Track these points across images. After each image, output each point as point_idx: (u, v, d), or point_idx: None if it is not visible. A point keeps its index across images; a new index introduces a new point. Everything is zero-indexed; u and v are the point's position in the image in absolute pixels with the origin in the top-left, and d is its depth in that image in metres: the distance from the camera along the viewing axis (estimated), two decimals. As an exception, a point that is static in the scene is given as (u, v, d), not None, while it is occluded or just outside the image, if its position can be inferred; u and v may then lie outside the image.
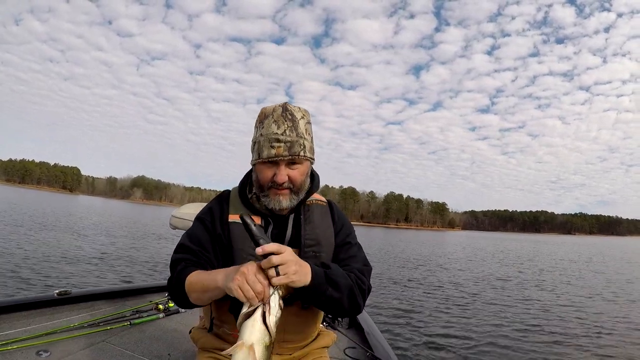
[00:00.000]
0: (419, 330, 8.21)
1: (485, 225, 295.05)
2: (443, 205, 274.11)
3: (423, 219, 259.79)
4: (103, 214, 45.03)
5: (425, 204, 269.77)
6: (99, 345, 2.77)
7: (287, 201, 1.60)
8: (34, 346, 2.58)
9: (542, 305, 11.55)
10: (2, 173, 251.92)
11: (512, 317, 9.68)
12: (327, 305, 1.49)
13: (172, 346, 2.96)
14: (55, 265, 11.01)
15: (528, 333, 8.42)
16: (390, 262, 21.73)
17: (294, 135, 1.55)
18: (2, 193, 69.58)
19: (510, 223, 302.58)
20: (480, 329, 8.48)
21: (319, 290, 1.42)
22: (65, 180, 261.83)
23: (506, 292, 13.70)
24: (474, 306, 10.82)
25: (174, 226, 3.18)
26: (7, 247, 12.96)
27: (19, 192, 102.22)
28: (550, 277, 18.91)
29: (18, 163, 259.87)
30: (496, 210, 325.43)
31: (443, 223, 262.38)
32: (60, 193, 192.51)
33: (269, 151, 1.54)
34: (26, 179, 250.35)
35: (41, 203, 51.58)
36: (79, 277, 10.08)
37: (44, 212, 33.06)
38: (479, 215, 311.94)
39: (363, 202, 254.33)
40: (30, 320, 2.93)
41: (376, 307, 9.90)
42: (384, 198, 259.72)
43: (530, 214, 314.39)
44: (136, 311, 3.39)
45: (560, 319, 9.85)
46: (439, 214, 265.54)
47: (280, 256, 1.25)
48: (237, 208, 1.69)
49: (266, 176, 1.58)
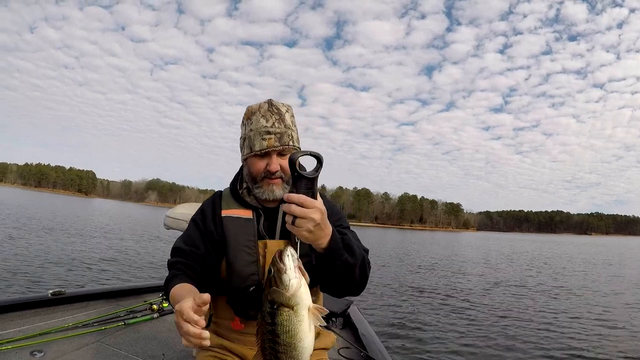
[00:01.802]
0: (413, 330, 8.17)
1: (500, 226, 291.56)
2: (457, 206, 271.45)
3: (437, 219, 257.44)
4: (111, 216, 45.27)
5: (439, 204, 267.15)
6: (93, 346, 2.78)
7: (280, 190, 1.67)
8: (28, 346, 2.60)
9: (551, 311, 10.90)
10: (18, 177, 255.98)
11: (517, 322, 9.47)
12: (340, 272, 1.46)
13: (167, 346, 2.96)
14: (50, 266, 11.02)
15: (525, 333, 8.36)
16: (394, 263, 21.58)
17: (282, 127, 1.66)
18: (15, 196, 70.42)
19: (526, 223, 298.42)
20: (480, 332, 8.37)
21: (336, 253, 1.41)
22: (80, 184, 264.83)
23: (513, 295, 13.29)
24: (475, 310, 10.54)
25: (168, 226, 3.19)
26: (3, 248, 13.02)
27: (34, 195, 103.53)
28: (568, 281, 17.82)
29: (34, 167, 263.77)
30: (511, 210, 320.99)
31: (457, 224, 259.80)
32: (76, 196, 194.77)
33: (261, 143, 1.64)
34: (42, 182, 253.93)
35: (51, 206, 51.79)
36: (74, 277, 10.10)
37: (50, 215, 33.26)
38: (494, 216, 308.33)
39: (377, 204, 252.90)
40: (24, 321, 2.94)
41: (370, 307, 9.85)
42: (398, 199, 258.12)
43: (545, 214, 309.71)
44: (130, 311, 3.39)
45: (573, 325, 9.45)
46: (453, 215, 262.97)
47: (302, 210, 1.24)
48: (229, 203, 1.77)
49: (259, 168, 1.67)
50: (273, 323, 1.17)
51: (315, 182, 1.28)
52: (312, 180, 1.27)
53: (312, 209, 1.25)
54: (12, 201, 50.02)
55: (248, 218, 1.73)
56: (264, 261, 1.69)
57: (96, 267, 11.74)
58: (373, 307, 9.99)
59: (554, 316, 10.14)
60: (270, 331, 1.18)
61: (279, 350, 1.18)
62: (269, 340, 1.19)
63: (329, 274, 1.48)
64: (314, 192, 1.27)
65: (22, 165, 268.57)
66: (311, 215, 1.25)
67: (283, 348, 1.18)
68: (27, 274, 9.62)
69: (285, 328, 1.17)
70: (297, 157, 1.26)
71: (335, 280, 1.51)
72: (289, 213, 1.25)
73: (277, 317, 1.17)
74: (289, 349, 1.18)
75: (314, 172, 1.28)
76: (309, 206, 1.24)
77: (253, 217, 1.73)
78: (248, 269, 1.67)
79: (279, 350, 1.18)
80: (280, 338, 1.17)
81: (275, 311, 1.17)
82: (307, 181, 1.26)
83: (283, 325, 1.17)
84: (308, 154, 1.28)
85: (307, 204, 1.24)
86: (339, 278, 1.50)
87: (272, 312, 1.17)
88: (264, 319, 1.20)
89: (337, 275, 1.48)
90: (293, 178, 1.26)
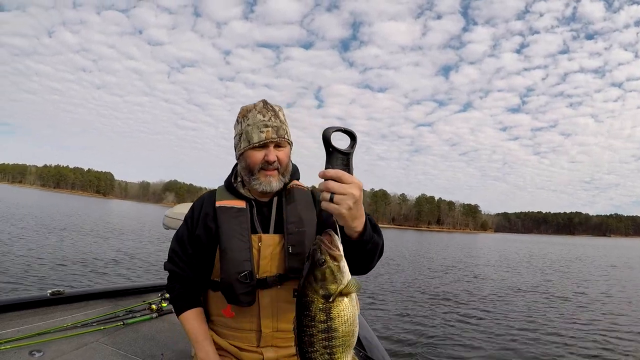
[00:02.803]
0: (414, 331, 8.13)
1: (518, 228, 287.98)
2: (475, 207, 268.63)
3: (455, 221, 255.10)
4: (123, 217, 45.70)
5: (457, 206, 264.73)
6: (92, 345, 2.79)
7: (277, 182, 1.74)
8: (27, 346, 2.61)
9: (572, 320, 10.16)
10: (38, 178, 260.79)
11: (528, 331, 9.11)
12: (370, 252, 1.44)
13: (166, 346, 2.97)
14: (50, 266, 11.15)
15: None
16: (406, 265, 21.46)
17: (277, 121, 1.74)
18: (33, 197, 71.59)
19: (544, 225, 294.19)
20: (487, 339, 8.17)
21: (369, 234, 1.38)
22: (98, 185, 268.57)
23: (528, 302, 12.66)
24: (484, 315, 10.29)
25: (167, 226, 3.20)
26: (9, 248, 13.17)
27: (52, 196, 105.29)
28: (591, 287, 16.83)
29: (53, 169, 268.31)
30: (529, 211, 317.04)
31: (475, 225, 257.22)
32: (94, 197, 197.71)
33: (259, 135, 1.71)
34: (61, 184, 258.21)
35: (66, 206, 52.35)
36: (73, 277, 10.18)
37: (63, 215, 33.76)
38: (512, 217, 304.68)
39: (394, 205, 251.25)
40: (23, 321, 2.97)
41: (372, 308, 9.84)
42: (415, 200, 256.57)
43: (564, 216, 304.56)
44: (129, 311, 3.40)
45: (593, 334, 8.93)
46: (471, 216, 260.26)
47: (340, 185, 1.18)
48: (223, 195, 1.84)
49: (257, 159, 1.72)
50: (329, 319, 1.11)
51: (351, 158, 1.23)
52: (347, 155, 1.22)
53: (351, 184, 1.19)
54: (29, 202, 50.98)
55: (241, 208, 1.78)
56: (259, 255, 1.73)
57: (99, 267, 11.84)
58: (375, 308, 9.97)
59: (574, 326, 9.56)
60: (325, 329, 1.12)
61: (334, 345, 1.13)
62: (322, 340, 1.13)
63: (355, 258, 1.40)
64: (350, 168, 1.22)
65: (41, 166, 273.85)
66: (351, 191, 1.19)
67: (341, 340, 1.13)
68: (29, 274, 9.74)
69: (344, 318, 1.12)
70: (330, 132, 1.20)
71: (358, 263, 1.44)
72: (326, 190, 1.19)
73: (334, 310, 1.11)
74: (347, 339, 1.13)
75: (349, 148, 1.23)
76: (348, 181, 1.19)
77: (246, 208, 1.78)
78: (241, 255, 1.70)
79: (335, 345, 1.13)
80: (338, 332, 1.12)
81: (331, 305, 1.11)
82: (343, 156, 1.21)
83: (341, 316, 1.12)
84: (342, 130, 1.23)
85: (345, 179, 1.19)
86: (363, 260, 1.46)
87: (327, 307, 1.11)
88: (315, 319, 1.13)
89: (362, 258, 1.45)
90: (327, 154, 1.21)
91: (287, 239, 1.73)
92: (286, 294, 1.75)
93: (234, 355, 1.81)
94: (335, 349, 1.13)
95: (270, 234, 1.76)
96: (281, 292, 1.75)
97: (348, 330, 1.13)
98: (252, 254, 1.71)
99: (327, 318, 1.11)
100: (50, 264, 11.45)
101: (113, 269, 11.83)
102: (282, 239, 1.75)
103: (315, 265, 1.13)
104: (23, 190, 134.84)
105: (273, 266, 1.74)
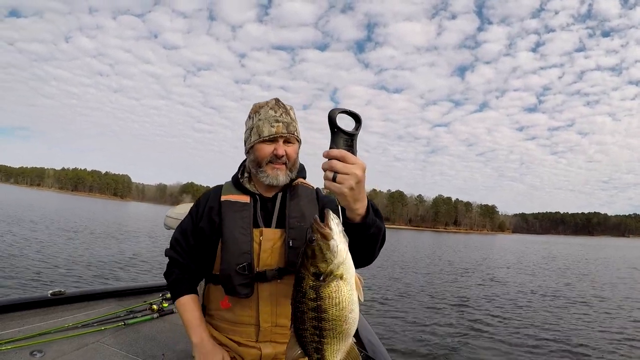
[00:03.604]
0: (415, 331, 8.08)
1: (536, 228, 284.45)
2: (492, 208, 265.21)
3: (472, 222, 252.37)
4: (137, 219, 45.88)
5: (474, 206, 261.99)
6: (93, 346, 2.80)
7: (284, 176, 1.79)
8: (28, 346, 2.62)
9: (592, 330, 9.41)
10: (56, 181, 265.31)
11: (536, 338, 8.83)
12: (373, 237, 1.40)
13: (167, 346, 2.97)
14: (50, 266, 11.20)
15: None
16: (420, 267, 21.29)
17: (288, 118, 1.82)
18: (51, 200, 72.60)
19: (562, 226, 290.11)
20: (497, 343, 8.02)
21: (372, 218, 1.36)
22: (116, 188, 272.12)
23: (543, 308, 12.05)
24: (494, 320, 9.98)
25: (168, 226, 3.17)
26: (8, 249, 13.23)
27: (70, 199, 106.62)
28: (611, 291, 16.02)
29: (70, 172, 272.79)
30: (547, 212, 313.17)
31: (493, 226, 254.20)
32: (112, 200, 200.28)
33: (270, 129, 1.77)
34: (78, 186, 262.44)
35: (80, 209, 52.48)
36: (74, 277, 10.21)
37: (76, 217, 34.02)
38: (530, 218, 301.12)
39: (411, 206, 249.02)
40: (24, 321, 2.98)
41: (371, 307, 9.81)
42: (432, 201, 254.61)
43: (582, 216, 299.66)
44: (130, 311, 3.41)
45: None
46: (488, 217, 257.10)
47: (344, 165, 1.17)
48: (229, 190, 1.89)
49: (266, 152, 1.77)
50: (319, 298, 1.10)
51: (355, 139, 1.21)
52: (352, 136, 1.20)
53: (354, 164, 1.18)
54: (46, 204, 51.59)
55: (245, 202, 1.83)
56: (260, 249, 1.77)
57: (101, 268, 11.83)
58: (385, 310, 9.93)
59: (598, 335, 8.91)
60: (315, 308, 1.11)
61: (325, 328, 1.11)
62: (312, 319, 1.12)
63: (357, 244, 1.37)
64: (354, 149, 1.20)
65: (59, 170, 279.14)
66: (354, 171, 1.17)
67: (331, 324, 1.11)
68: (34, 274, 9.80)
69: (334, 300, 1.10)
70: (336, 113, 1.19)
71: (360, 249, 1.41)
72: (330, 169, 1.17)
73: (323, 289, 1.10)
74: (338, 324, 1.11)
75: (354, 130, 1.21)
76: (351, 161, 1.17)
77: (250, 202, 1.83)
78: (241, 247, 1.74)
79: (325, 328, 1.11)
80: (328, 313, 1.10)
81: (321, 284, 1.10)
82: (347, 137, 1.20)
83: (332, 297, 1.10)
84: (347, 111, 1.21)
85: (348, 158, 1.17)
86: (366, 247, 1.43)
87: (316, 285, 1.10)
88: (305, 296, 1.12)
89: (365, 244, 1.41)
90: (332, 134, 1.19)
91: (288, 233, 1.76)
92: (286, 289, 1.75)
93: (232, 351, 1.82)
94: (326, 332, 1.12)
95: (271, 228, 1.80)
96: (281, 286, 1.77)
97: (339, 315, 1.10)
98: (252, 247, 1.75)
99: (317, 297, 1.10)
100: (54, 264, 11.52)
101: (114, 270, 11.87)
102: (284, 234, 1.78)
103: (306, 242, 1.13)
104: (40, 193, 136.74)
105: (273, 260, 1.77)
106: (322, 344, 1.13)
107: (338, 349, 1.14)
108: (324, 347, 1.13)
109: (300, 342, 1.16)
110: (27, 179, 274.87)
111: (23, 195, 77.46)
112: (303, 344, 1.15)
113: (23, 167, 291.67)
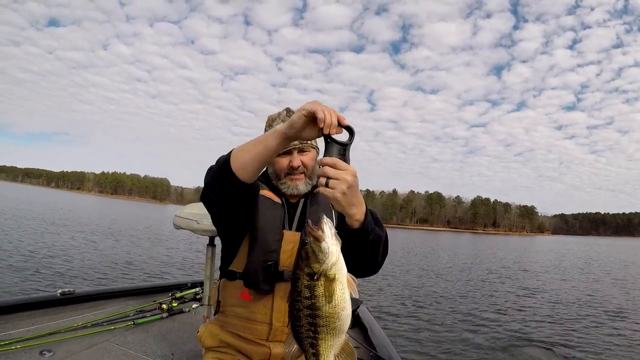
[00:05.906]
0: (424, 331, 7.94)
1: (575, 229, 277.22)
2: (532, 209, 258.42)
3: (511, 223, 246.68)
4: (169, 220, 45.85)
5: (513, 207, 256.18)
6: (102, 345, 2.80)
7: (303, 185, 1.83)
8: (38, 346, 2.64)
9: None
10: (95, 185, 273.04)
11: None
12: (373, 244, 1.50)
13: (176, 346, 2.95)
14: (61, 265, 11.26)
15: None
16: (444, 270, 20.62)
17: None
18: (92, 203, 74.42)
19: (602, 226, 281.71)
20: (495, 335, 7.86)
21: (370, 225, 1.44)
22: (155, 191, 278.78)
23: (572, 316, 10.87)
24: (495, 316, 9.78)
25: (177, 226, 3.13)
26: (17, 248, 13.29)
27: (111, 202, 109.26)
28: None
29: (110, 175, 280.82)
30: (587, 212, 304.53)
31: (532, 227, 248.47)
32: (151, 203, 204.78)
33: None
34: (118, 190, 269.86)
35: (113, 212, 52.48)
36: (84, 277, 10.25)
37: (109, 220, 34.45)
38: (569, 219, 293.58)
39: (449, 207, 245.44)
40: (33, 320, 3.00)
41: (380, 307, 9.70)
42: (470, 202, 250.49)
43: (623, 217, 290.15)
44: (140, 311, 3.41)
45: None
46: (527, 218, 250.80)
47: (335, 170, 1.26)
48: (264, 186, 1.87)
49: (282, 165, 1.80)
50: (313, 296, 1.15)
51: (348, 149, 1.30)
52: (344, 146, 1.30)
53: (345, 170, 1.27)
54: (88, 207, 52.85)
55: (278, 202, 1.85)
56: (280, 250, 1.79)
57: (105, 267, 11.79)
58: (384, 307, 9.84)
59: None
60: (310, 306, 1.16)
61: (319, 324, 1.16)
62: (307, 317, 1.17)
63: (358, 251, 1.47)
64: (347, 158, 1.29)
65: (98, 174, 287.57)
66: (344, 176, 1.26)
67: (325, 321, 1.16)
68: (33, 274, 9.80)
69: (328, 299, 1.15)
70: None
71: (362, 257, 1.51)
72: (322, 175, 1.27)
73: (317, 288, 1.15)
74: (331, 320, 1.16)
75: (347, 140, 1.31)
76: (342, 168, 1.27)
77: (282, 203, 1.86)
78: (270, 245, 1.76)
79: (319, 324, 1.16)
80: (321, 310, 1.15)
81: (315, 283, 1.15)
82: (340, 147, 1.29)
83: (325, 296, 1.15)
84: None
85: (339, 165, 1.26)
86: (367, 254, 1.52)
87: (311, 284, 1.16)
88: (301, 294, 1.17)
89: (365, 251, 1.50)
90: (326, 144, 1.30)
91: None
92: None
93: (239, 351, 1.81)
94: (320, 329, 1.16)
95: (292, 231, 1.83)
96: (286, 283, 1.77)
97: (332, 312, 1.15)
98: (280, 247, 1.77)
99: (311, 295, 1.15)
100: (64, 264, 11.59)
101: (125, 269, 11.87)
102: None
103: (300, 244, 1.19)
104: (81, 196, 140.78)
105: (291, 261, 1.75)
106: (316, 340, 1.18)
107: (332, 344, 1.19)
108: (319, 343, 1.18)
109: (297, 338, 1.21)
110: (68, 183, 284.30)
111: (61, 198, 79.66)
112: (299, 340, 1.20)
113: (63, 172, 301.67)
